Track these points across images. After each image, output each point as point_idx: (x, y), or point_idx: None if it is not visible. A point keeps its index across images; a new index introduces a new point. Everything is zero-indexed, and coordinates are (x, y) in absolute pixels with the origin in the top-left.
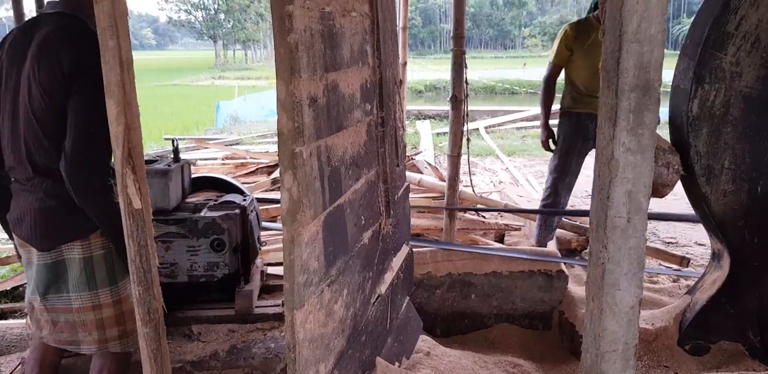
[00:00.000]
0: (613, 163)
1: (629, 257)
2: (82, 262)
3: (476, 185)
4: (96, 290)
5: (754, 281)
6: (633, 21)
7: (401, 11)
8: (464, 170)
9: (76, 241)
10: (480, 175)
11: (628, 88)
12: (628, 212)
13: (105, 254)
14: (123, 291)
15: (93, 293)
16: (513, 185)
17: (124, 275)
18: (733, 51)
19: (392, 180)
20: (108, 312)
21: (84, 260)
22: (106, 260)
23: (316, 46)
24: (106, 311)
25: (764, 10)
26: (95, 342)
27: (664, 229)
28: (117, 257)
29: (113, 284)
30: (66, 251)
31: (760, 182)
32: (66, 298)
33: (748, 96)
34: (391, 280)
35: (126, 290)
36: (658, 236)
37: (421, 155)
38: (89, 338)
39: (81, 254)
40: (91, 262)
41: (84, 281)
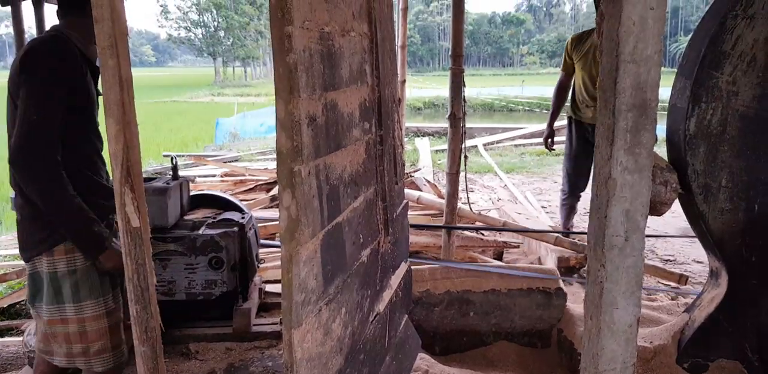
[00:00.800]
0: (611, 182)
1: (627, 276)
2: (48, 276)
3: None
4: (63, 304)
5: (753, 299)
6: (629, 42)
7: (400, 30)
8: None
9: (43, 255)
10: (479, 192)
11: (625, 108)
12: (625, 231)
13: (69, 273)
14: (88, 311)
15: (60, 306)
16: (511, 202)
17: (91, 295)
18: (729, 70)
19: (391, 198)
20: (73, 328)
21: (50, 275)
22: (70, 279)
23: (315, 65)
24: (71, 326)
25: (760, 29)
26: (64, 355)
27: (663, 247)
28: (84, 278)
29: (77, 301)
30: (38, 264)
31: (757, 200)
32: (43, 308)
33: (744, 115)
34: (389, 298)
35: (93, 310)
36: (656, 253)
37: (419, 173)
38: (60, 350)
39: (47, 268)
40: (57, 278)
41: (52, 294)
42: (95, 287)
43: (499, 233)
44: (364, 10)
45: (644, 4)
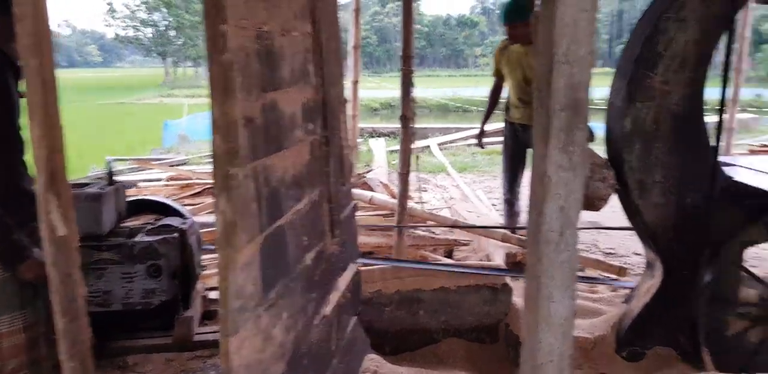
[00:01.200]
0: (546, 180)
1: (562, 270)
2: None
3: (428, 201)
4: None
5: (685, 289)
6: (563, 43)
7: (353, 30)
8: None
9: None
10: (432, 191)
11: (559, 108)
12: (560, 226)
13: None
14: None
15: None
16: (463, 200)
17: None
18: (662, 70)
19: (337, 199)
20: None
21: None
22: None
23: (252, 65)
24: None
25: (691, 32)
26: None
27: (604, 240)
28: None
29: None
30: None
31: (688, 194)
32: None
33: (676, 113)
34: (336, 300)
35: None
36: (598, 247)
37: (373, 173)
38: None
39: None
40: None
41: None
42: (12, 300)
43: (450, 231)
44: (306, 10)
45: (577, 6)
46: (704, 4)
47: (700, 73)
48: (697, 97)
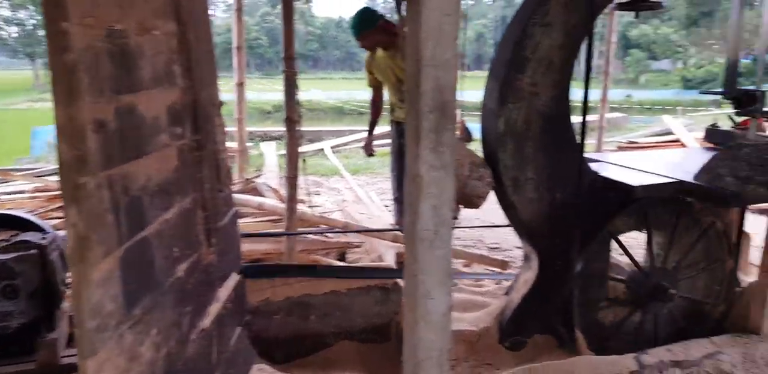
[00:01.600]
0: (419, 179)
1: (438, 268)
2: None
3: (321, 204)
4: None
5: (559, 279)
6: (429, 46)
7: (235, 30)
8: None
9: None
10: (325, 194)
11: (428, 110)
12: (435, 225)
13: None
14: None
15: None
16: (356, 203)
17: None
18: (531, 73)
19: (214, 207)
20: None
21: None
22: None
23: (102, 66)
24: None
25: (555, 36)
26: None
27: (489, 236)
28: None
29: None
30: None
31: (558, 189)
32: None
33: (544, 114)
34: (216, 312)
35: None
36: (483, 242)
37: (264, 177)
38: None
39: None
40: None
41: None
42: None
43: (343, 234)
44: (169, 8)
45: (440, 11)
46: (566, 10)
47: (566, 75)
48: (563, 98)
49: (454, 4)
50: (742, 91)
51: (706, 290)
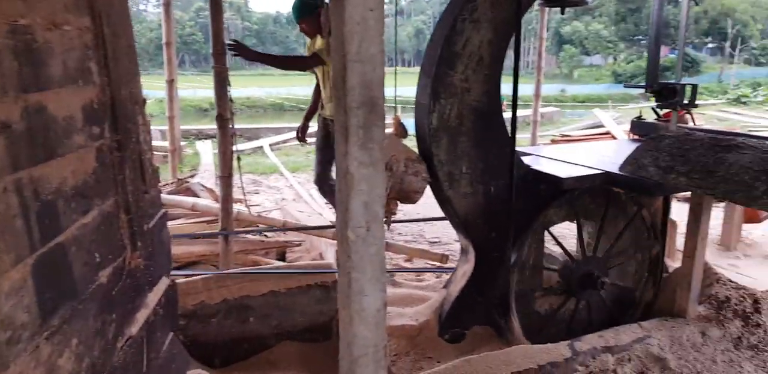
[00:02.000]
0: (349, 177)
1: (372, 264)
2: None
3: (260, 203)
4: None
5: (496, 270)
6: (354, 41)
7: (165, 26)
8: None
9: None
10: (264, 193)
11: (355, 106)
12: (366, 221)
13: None
14: None
15: None
16: (295, 201)
17: None
18: (462, 69)
19: (139, 209)
20: None
21: None
22: None
23: (5, 63)
24: None
25: (484, 32)
26: None
27: (430, 230)
28: None
29: None
30: None
31: (492, 183)
32: None
33: (477, 109)
34: (145, 318)
35: None
36: (424, 237)
37: (199, 177)
38: None
39: None
40: None
41: None
42: None
43: (283, 233)
44: (81, 2)
45: (364, 6)
46: (494, 7)
47: (496, 70)
48: (494, 93)
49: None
50: (662, 85)
51: (636, 276)
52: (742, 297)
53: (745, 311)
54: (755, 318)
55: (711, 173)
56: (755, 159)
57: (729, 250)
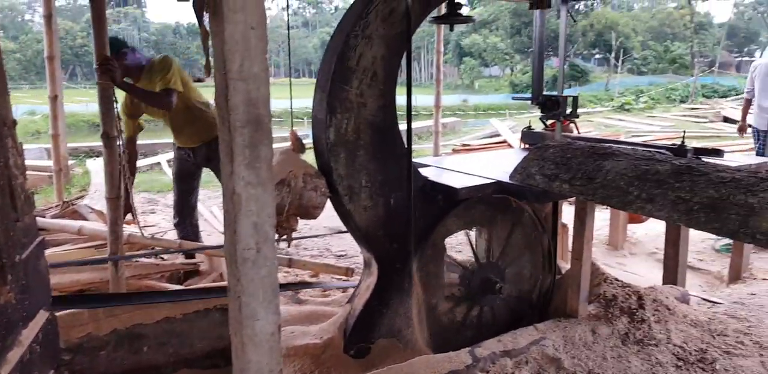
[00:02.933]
0: (236, 197)
1: (263, 287)
2: None
3: (156, 223)
4: None
5: (398, 280)
6: (236, 60)
7: (47, 39)
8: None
9: None
10: (161, 213)
11: (240, 125)
12: (256, 243)
13: None
14: None
15: None
16: None
17: None
18: (356, 84)
19: (9, 239)
20: None
21: None
22: None
23: None
24: None
25: (377, 48)
26: None
27: (337, 243)
28: None
29: None
30: None
31: (392, 195)
32: None
33: (373, 123)
34: (19, 358)
35: None
36: (330, 251)
37: (89, 198)
38: None
39: None
40: None
41: None
42: None
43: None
44: None
45: (245, 24)
46: (385, 24)
47: (390, 85)
48: (390, 107)
49: (260, 17)
50: (546, 97)
51: (531, 280)
52: (628, 295)
53: (631, 307)
54: (640, 314)
55: (591, 179)
56: (629, 166)
57: (616, 249)
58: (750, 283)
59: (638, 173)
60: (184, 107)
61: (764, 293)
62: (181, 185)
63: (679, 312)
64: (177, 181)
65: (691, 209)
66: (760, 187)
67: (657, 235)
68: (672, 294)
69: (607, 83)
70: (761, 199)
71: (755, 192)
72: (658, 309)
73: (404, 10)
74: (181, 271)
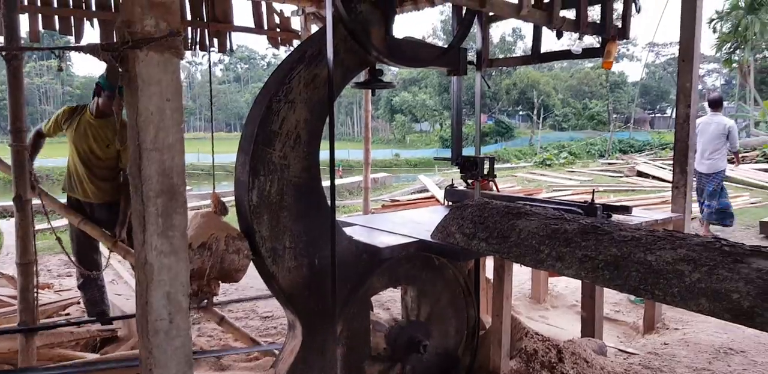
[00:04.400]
0: (148, 267)
1: (176, 358)
2: None
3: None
4: None
5: (323, 342)
6: (150, 131)
7: None
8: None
9: None
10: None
11: (154, 194)
12: (169, 313)
13: None
14: None
15: None
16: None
17: None
18: (280, 147)
19: None
20: None
21: None
22: None
23: None
24: None
25: (300, 112)
26: None
27: (263, 304)
28: None
29: None
30: None
31: (316, 256)
32: None
33: (297, 184)
34: None
35: None
36: (257, 312)
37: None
38: None
39: None
40: None
41: None
42: None
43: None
44: None
45: (160, 96)
46: (308, 89)
47: (314, 147)
48: (313, 168)
49: (174, 89)
50: (464, 158)
51: (456, 336)
52: (548, 349)
53: (551, 361)
54: (559, 368)
55: (505, 238)
56: (540, 225)
57: (539, 303)
58: (663, 333)
59: (548, 232)
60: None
61: (676, 342)
62: (81, 243)
63: (597, 365)
64: (76, 239)
65: (596, 266)
66: (657, 245)
67: (576, 288)
68: (590, 346)
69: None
70: (658, 257)
71: (653, 250)
72: (577, 363)
73: (326, 76)
74: (97, 338)
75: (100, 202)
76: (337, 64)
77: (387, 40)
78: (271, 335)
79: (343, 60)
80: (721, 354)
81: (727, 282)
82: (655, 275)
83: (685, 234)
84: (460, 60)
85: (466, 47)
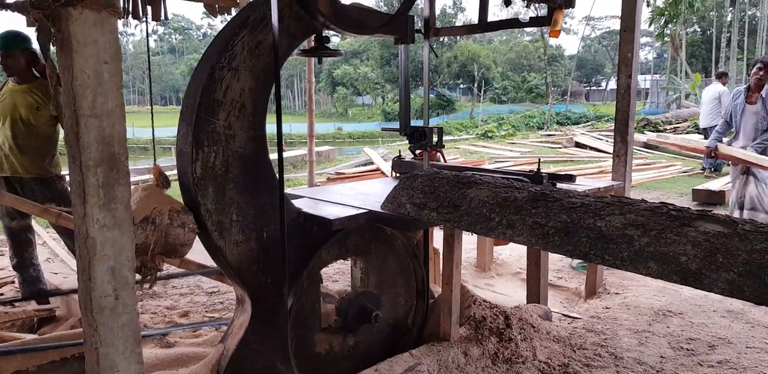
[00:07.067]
0: (90, 241)
1: (124, 336)
2: None
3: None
4: None
5: (273, 316)
6: (87, 96)
7: None
8: None
9: None
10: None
11: (93, 164)
12: (114, 289)
13: None
14: None
15: None
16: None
17: None
18: (224, 116)
19: None
20: None
21: None
22: None
23: None
24: None
25: (245, 80)
26: None
27: (208, 280)
28: None
29: None
30: None
31: (264, 229)
32: None
33: (242, 155)
34: None
35: None
36: (202, 288)
37: None
38: None
39: None
40: None
41: None
42: None
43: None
44: None
45: (97, 58)
46: (252, 56)
47: (260, 117)
48: (260, 138)
49: (113, 51)
50: (413, 129)
51: (406, 306)
52: (496, 315)
53: (499, 327)
54: (507, 333)
55: (456, 207)
56: (490, 194)
57: (485, 271)
58: (604, 298)
59: (499, 201)
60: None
61: (617, 306)
62: (10, 222)
63: (543, 329)
64: (4, 217)
65: (546, 233)
66: (606, 211)
67: (520, 256)
68: (536, 312)
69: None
70: (607, 222)
71: (602, 216)
72: (524, 328)
73: (271, 42)
74: (34, 318)
75: (31, 176)
76: (282, 31)
77: (333, 5)
78: (218, 310)
79: (289, 26)
80: (660, 316)
81: (675, 245)
82: (604, 240)
83: (632, 200)
84: (408, 28)
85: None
